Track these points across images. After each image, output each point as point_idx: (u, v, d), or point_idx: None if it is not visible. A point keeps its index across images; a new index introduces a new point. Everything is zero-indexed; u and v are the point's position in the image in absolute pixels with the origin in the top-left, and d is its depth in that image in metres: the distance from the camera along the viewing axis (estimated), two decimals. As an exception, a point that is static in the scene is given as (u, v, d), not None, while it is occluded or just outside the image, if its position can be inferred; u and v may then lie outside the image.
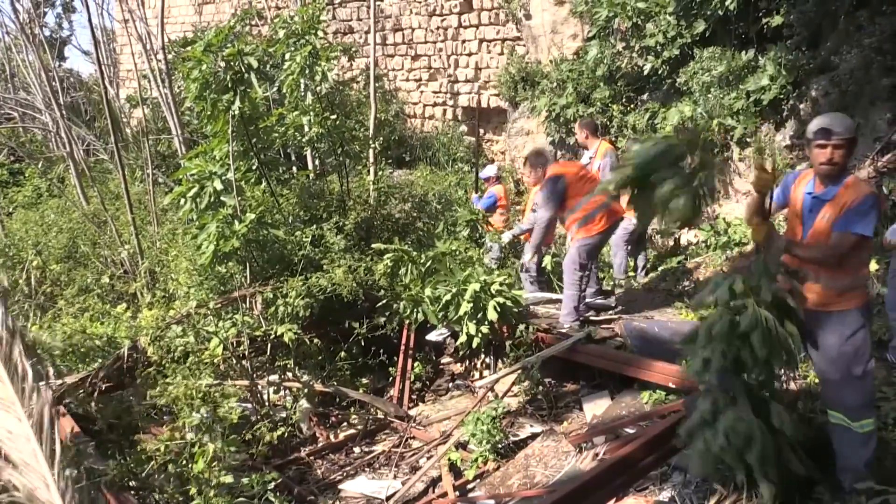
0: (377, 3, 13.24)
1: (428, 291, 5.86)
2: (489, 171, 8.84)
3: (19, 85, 18.66)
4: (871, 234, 3.26)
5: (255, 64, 6.37)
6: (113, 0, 21.08)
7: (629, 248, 7.27)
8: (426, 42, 13.74)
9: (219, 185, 6.13)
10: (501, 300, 5.62)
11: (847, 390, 3.40)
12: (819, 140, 3.29)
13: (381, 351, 6.27)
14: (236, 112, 6.35)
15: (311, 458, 5.45)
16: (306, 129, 7.51)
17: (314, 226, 6.97)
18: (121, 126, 15.43)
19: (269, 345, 5.77)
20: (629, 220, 6.52)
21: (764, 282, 3.17)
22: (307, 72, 7.18)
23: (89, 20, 19.39)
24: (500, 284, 5.74)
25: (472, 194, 9.22)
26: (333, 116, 7.54)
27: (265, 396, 5.65)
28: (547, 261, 6.88)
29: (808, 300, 3.35)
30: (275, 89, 7.86)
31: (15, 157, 16.72)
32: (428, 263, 6.20)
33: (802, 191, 3.48)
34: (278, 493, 4.41)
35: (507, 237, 7.22)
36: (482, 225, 7.41)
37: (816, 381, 3.98)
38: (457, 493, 4.75)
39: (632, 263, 7.49)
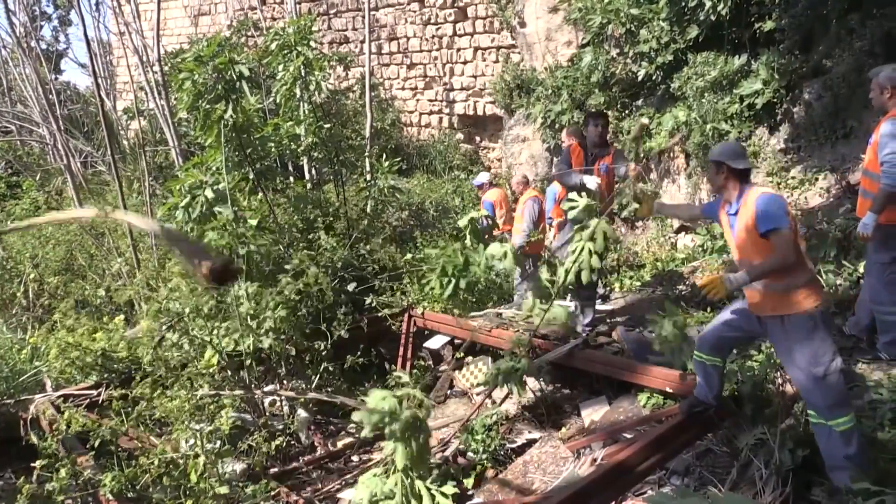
0: (372, 12, 13.31)
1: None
2: (482, 178, 8.51)
3: (16, 98, 18.71)
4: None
5: (246, 72, 6.38)
6: (109, 13, 21.18)
7: None
8: (421, 51, 13.79)
9: (210, 194, 6.12)
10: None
11: (813, 392, 3.42)
12: None
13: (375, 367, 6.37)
14: (229, 121, 6.35)
15: (310, 467, 5.44)
16: (301, 138, 7.52)
17: (310, 235, 6.96)
18: (118, 138, 15.46)
19: (265, 355, 5.76)
20: None
21: None
22: (301, 82, 7.20)
23: (85, 33, 19.52)
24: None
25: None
26: (329, 126, 7.55)
27: (263, 406, 5.63)
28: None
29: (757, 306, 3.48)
30: (270, 100, 7.88)
31: (12, 169, 16.76)
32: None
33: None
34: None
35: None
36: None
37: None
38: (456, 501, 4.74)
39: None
